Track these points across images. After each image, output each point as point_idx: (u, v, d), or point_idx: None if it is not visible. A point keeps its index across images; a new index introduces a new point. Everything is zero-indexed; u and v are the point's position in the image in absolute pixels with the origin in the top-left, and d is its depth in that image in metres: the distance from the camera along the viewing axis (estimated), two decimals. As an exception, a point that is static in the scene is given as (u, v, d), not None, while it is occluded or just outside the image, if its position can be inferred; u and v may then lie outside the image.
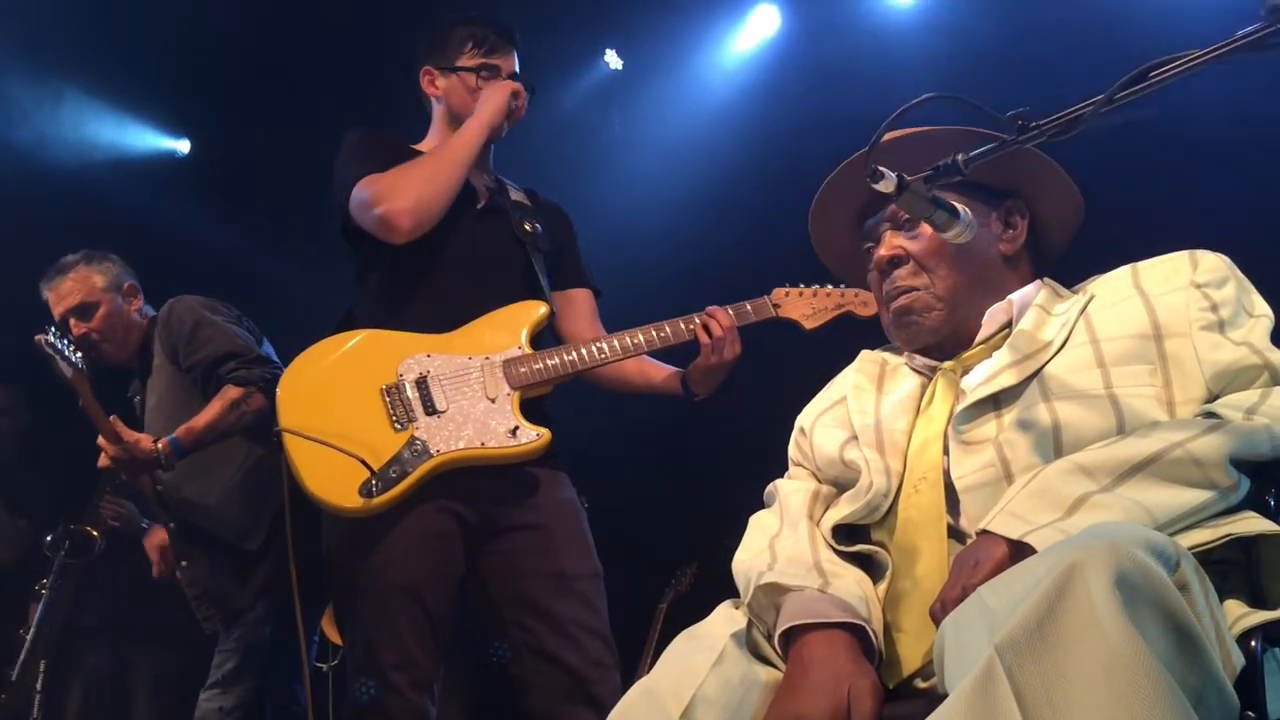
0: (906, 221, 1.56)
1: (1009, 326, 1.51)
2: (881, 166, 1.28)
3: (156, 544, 3.19)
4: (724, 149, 4.40)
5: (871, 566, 1.42)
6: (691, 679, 1.25)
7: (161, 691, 3.61)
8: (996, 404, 1.42)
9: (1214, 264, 1.41)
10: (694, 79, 4.50)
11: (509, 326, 2.33)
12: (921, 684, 1.29)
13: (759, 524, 1.55)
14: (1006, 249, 1.58)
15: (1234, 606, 1.14)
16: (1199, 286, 1.39)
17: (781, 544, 1.46)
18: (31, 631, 3.32)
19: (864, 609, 1.32)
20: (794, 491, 1.56)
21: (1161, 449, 1.24)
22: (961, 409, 1.42)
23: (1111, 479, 1.24)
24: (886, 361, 1.63)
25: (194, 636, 2.98)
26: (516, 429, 2.20)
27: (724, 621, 1.40)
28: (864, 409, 1.55)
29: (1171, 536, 1.11)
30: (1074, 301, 1.47)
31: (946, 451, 1.41)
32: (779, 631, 1.31)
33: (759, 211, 4.19)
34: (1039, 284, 1.55)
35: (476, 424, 2.20)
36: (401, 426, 2.18)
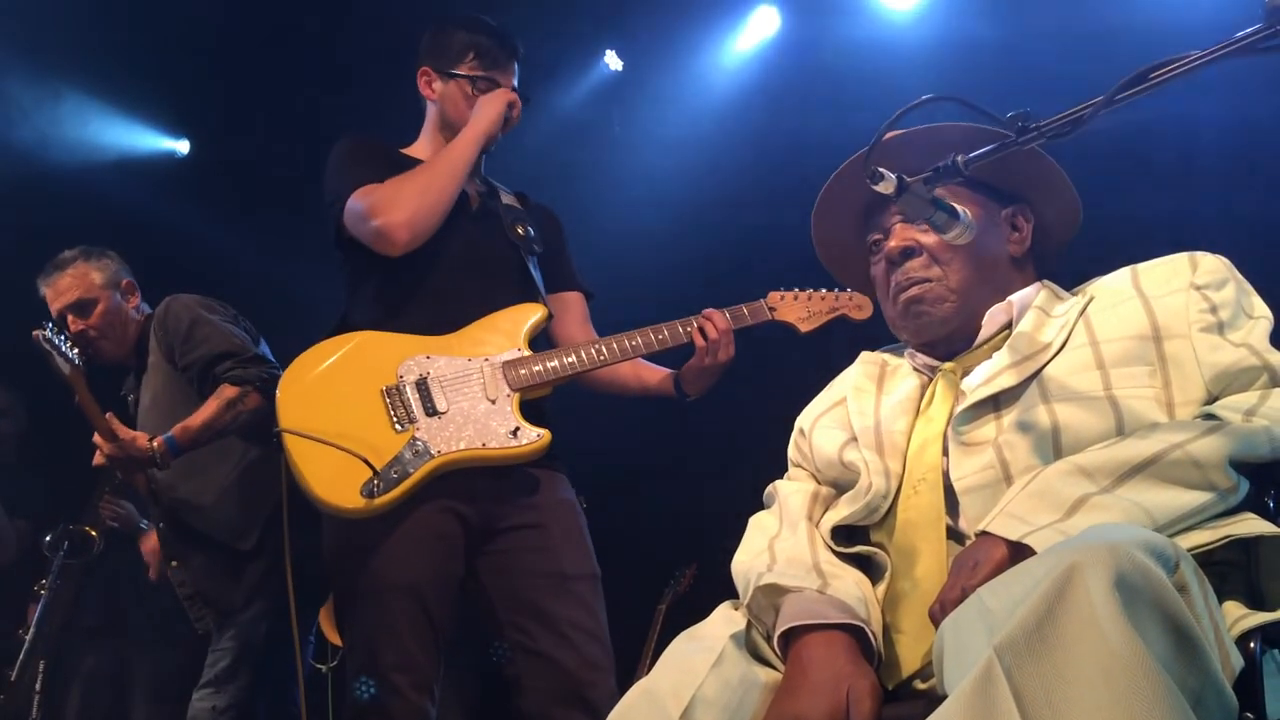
0: None
1: (1009, 328, 1.51)
2: (882, 168, 1.28)
3: (153, 546, 3.19)
4: (724, 150, 4.39)
5: (871, 568, 1.42)
6: (691, 680, 1.25)
7: (161, 692, 3.60)
8: (996, 405, 1.42)
9: (1213, 266, 1.41)
10: (694, 80, 4.49)
11: (508, 329, 2.34)
12: (921, 685, 1.29)
13: (758, 525, 1.55)
14: (1015, 250, 1.59)
15: (1233, 608, 1.15)
16: (1198, 288, 1.39)
17: (781, 545, 1.46)
18: (31, 632, 3.32)
19: (863, 610, 1.32)
20: (793, 493, 1.56)
21: (1161, 450, 1.25)
22: (961, 410, 1.42)
23: (1111, 480, 1.24)
24: (887, 363, 1.63)
25: (193, 637, 2.97)
26: (517, 430, 2.21)
27: (723, 622, 1.40)
28: (864, 410, 1.55)
29: (1171, 538, 1.11)
30: (1073, 303, 1.47)
31: (946, 453, 1.42)
32: (778, 632, 1.31)
33: (758, 213, 4.19)
34: (1039, 285, 1.55)
35: (477, 425, 2.21)
36: (402, 427, 2.18)
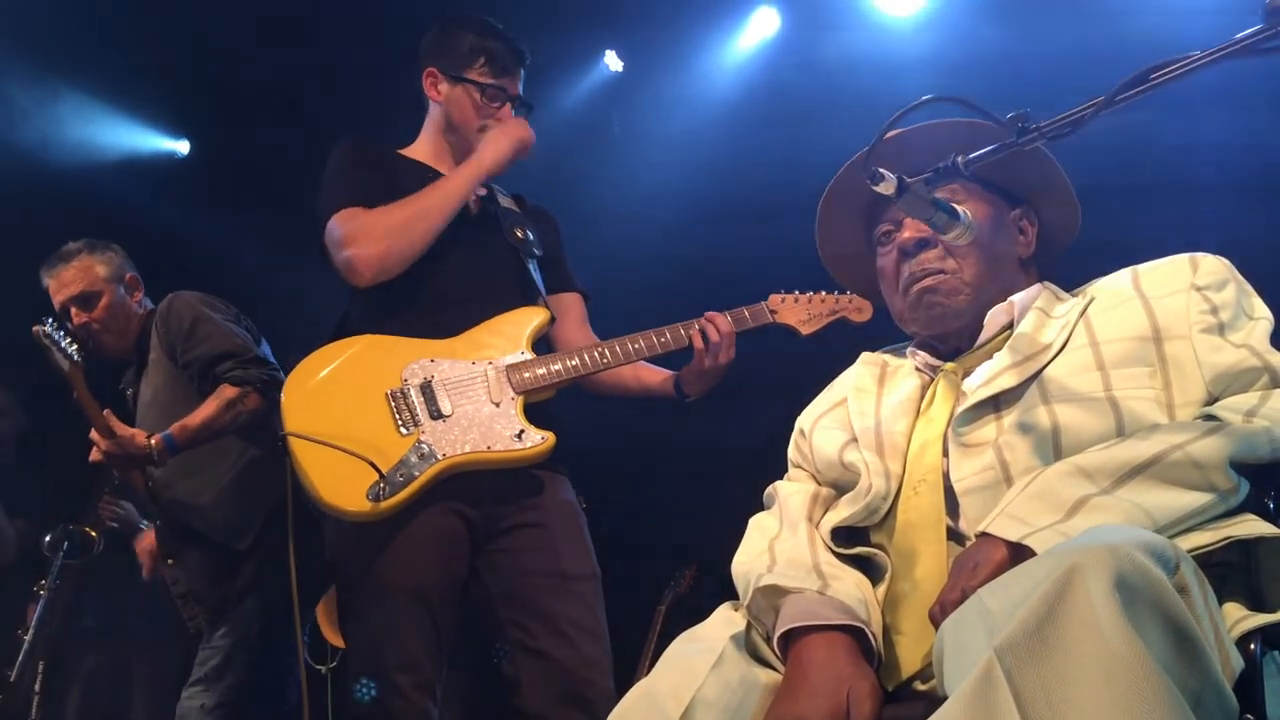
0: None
1: (1009, 328, 1.51)
2: (883, 169, 1.28)
3: (147, 547, 3.18)
4: (725, 150, 4.38)
5: (871, 569, 1.42)
6: (691, 681, 1.25)
7: (160, 692, 3.60)
8: (996, 406, 1.42)
9: (1214, 267, 1.41)
10: (695, 80, 4.48)
11: (511, 332, 2.35)
12: (921, 686, 1.29)
13: (758, 526, 1.55)
14: (1022, 252, 1.60)
15: (1233, 609, 1.15)
16: (1199, 289, 1.39)
17: (781, 546, 1.46)
18: (30, 632, 3.32)
19: (863, 611, 1.32)
20: (793, 493, 1.56)
21: (1161, 451, 1.25)
22: (961, 411, 1.42)
23: (1111, 481, 1.24)
24: (887, 363, 1.63)
25: (192, 637, 2.97)
26: (522, 433, 2.22)
27: (723, 623, 1.40)
28: (864, 411, 1.55)
29: (1171, 539, 1.11)
30: (1074, 304, 1.47)
31: (946, 454, 1.41)
32: (778, 633, 1.31)
33: (758, 214, 4.18)
34: (1040, 286, 1.55)
35: (482, 428, 2.21)
36: (408, 431, 2.19)
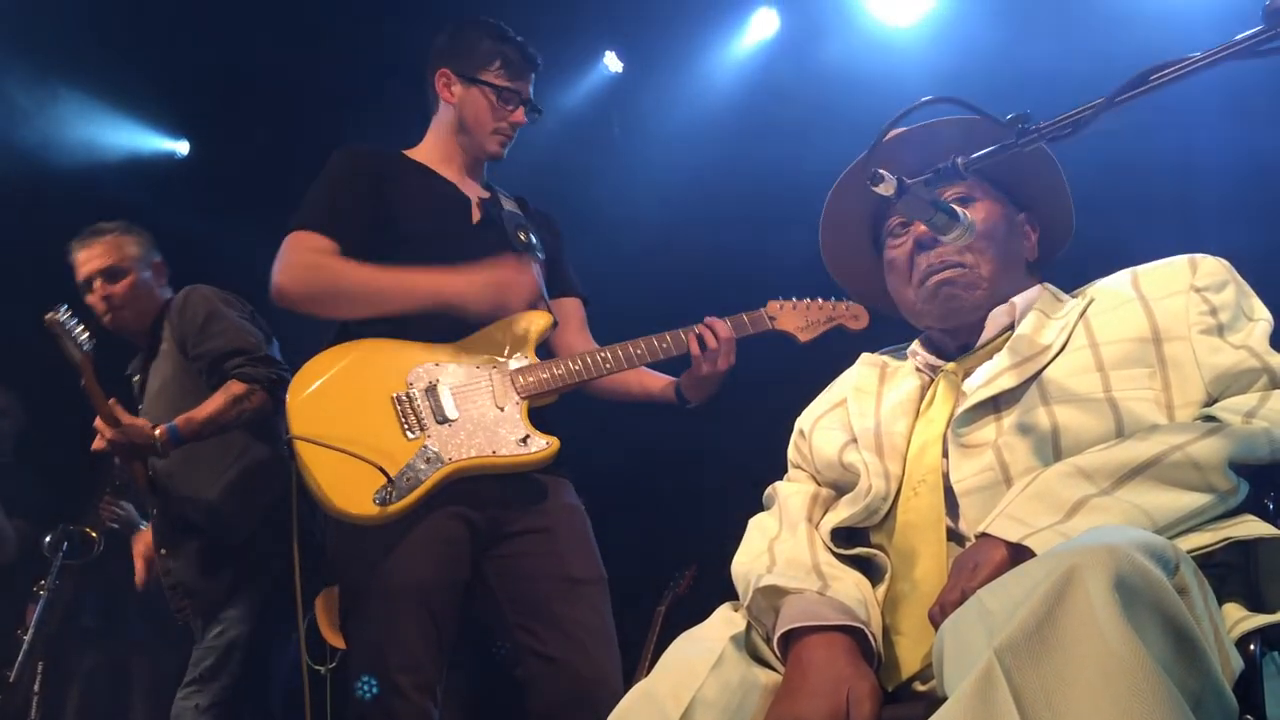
0: (955, 200, 1.53)
1: (1011, 329, 1.51)
2: (882, 169, 1.28)
3: (142, 550, 3.17)
4: (725, 151, 4.38)
5: (870, 569, 1.42)
6: (691, 681, 1.25)
7: (159, 693, 3.60)
8: (996, 407, 1.42)
9: (1213, 268, 1.42)
10: (695, 81, 4.49)
11: (515, 336, 2.35)
12: (920, 687, 1.29)
13: (758, 526, 1.55)
14: (1029, 255, 1.61)
15: (1233, 610, 1.15)
16: (1198, 290, 1.39)
17: (780, 546, 1.46)
18: (30, 632, 3.32)
19: (863, 612, 1.32)
20: (793, 494, 1.56)
21: (1161, 452, 1.25)
22: (961, 412, 1.42)
23: (1111, 482, 1.24)
24: (887, 364, 1.64)
25: (181, 631, 2.98)
26: (527, 438, 2.23)
27: (723, 624, 1.40)
28: (864, 411, 1.55)
29: (1171, 540, 1.11)
30: (1073, 305, 1.48)
31: (946, 454, 1.42)
32: (778, 634, 1.31)
33: (757, 215, 4.18)
34: (1040, 288, 1.55)
35: (487, 432, 2.22)
36: (414, 435, 2.19)
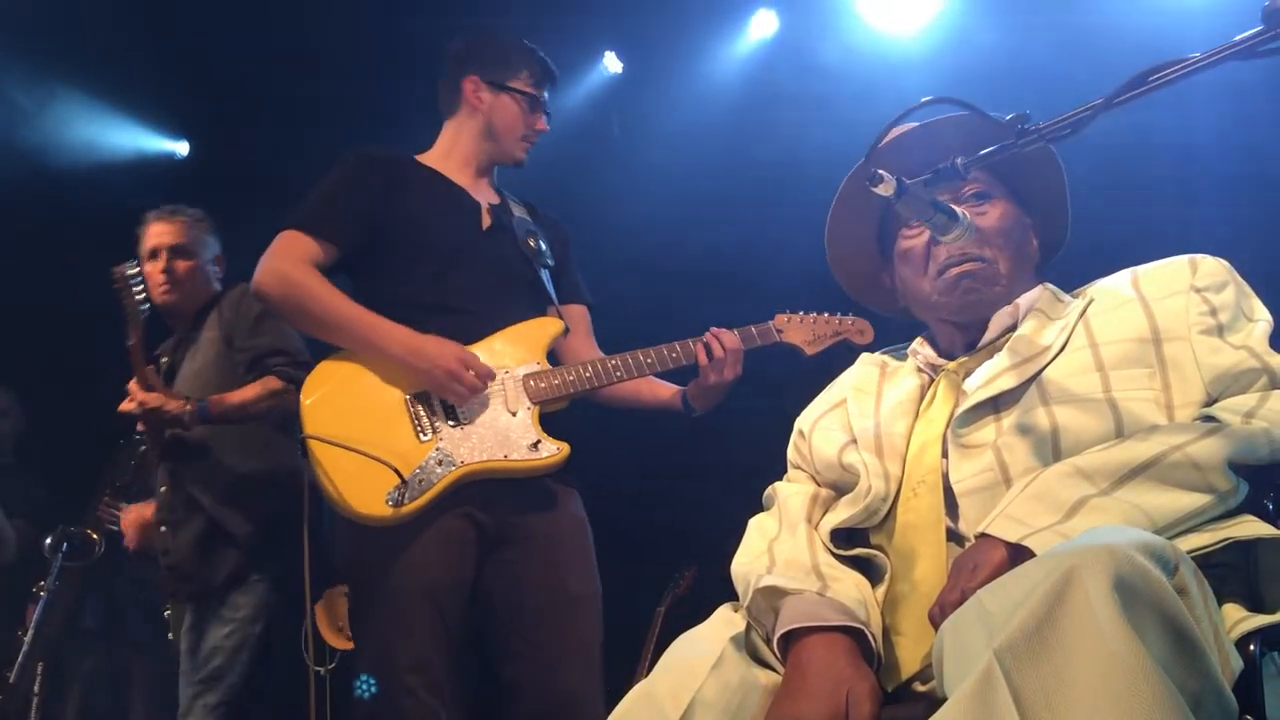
0: (972, 196, 1.54)
1: (1013, 330, 1.51)
2: (882, 170, 1.28)
3: (134, 519, 3.17)
4: (726, 151, 4.38)
5: (870, 570, 1.42)
6: (690, 682, 1.25)
7: (159, 694, 3.61)
8: (996, 408, 1.42)
9: (1213, 269, 1.42)
10: (695, 81, 4.48)
11: (527, 342, 2.38)
12: (920, 687, 1.29)
13: (758, 527, 1.55)
14: (1034, 257, 1.61)
15: (1232, 610, 1.15)
16: (1198, 291, 1.39)
17: (780, 547, 1.46)
18: (30, 633, 3.32)
19: (863, 612, 1.32)
20: (793, 494, 1.56)
21: (1160, 452, 1.25)
22: (961, 412, 1.42)
23: (1110, 482, 1.24)
24: (887, 364, 1.64)
25: (164, 618, 3.00)
26: (538, 443, 2.25)
27: (723, 624, 1.40)
28: (864, 412, 1.55)
29: (1170, 540, 1.11)
30: (1073, 306, 1.48)
31: (945, 455, 1.42)
32: (777, 635, 1.31)
33: (758, 216, 4.18)
34: (1041, 288, 1.55)
35: (499, 436, 2.24)
36: (426, 437, 2.21)
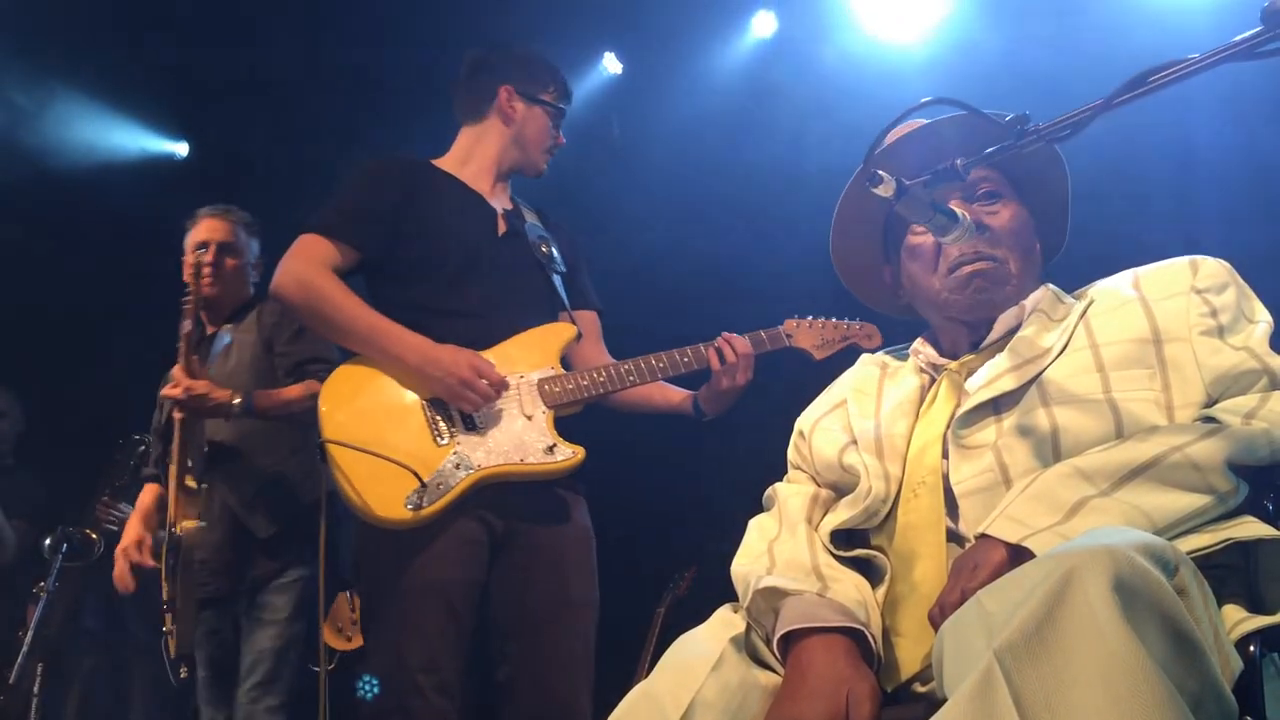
0: (984, 195, 1.55)
1: (1017, 331, 1.51)
2: (882, 171, 1.28)
3: (125, 547, 3.07)
4: (724, 152, 4.38)
5: (870, 571, 1.42)
6: (690, 683, 1.25)
7: (159, 695, 3.61)
8: (996, 409, 1.42)
9: (1214, 270, 1.42)
10: (694, 82, 4.48)
11: (541, 347, 2.39)
12: (920, 688, 1.29)
13: (758, 527, 1.55)
14: (1039, 259, 1.61)
15: (1232, 611, 1.15)
16: (1199, 292, 1.39)
17: (780, 548, 1.46)
18: (30, 633, 3.32)
19: (862, 613, 1.32)
20: (793, 495, 1.56)
21: (1160, 453, 1.25)
22: (961, 413, 1.42)
23: (1110, 483, 1.24)
24: (887, 365, 1.64)
25: (202, 602, 3.00)
26: (554, 446, 2.27)
27: (723, 625, 1.40)
28: (864, 413, 1.55)
29: (1170, 541, 1.11)
30: (1074, 306, 1.48)
31: (945, 455, 1.42)
32: (777, 635, 1.31)
33: (758, 217, 4.18)
34: (1044, 289, 1.56)
35: (515, 440, 2.26)
36: (444, 441, 2.23)
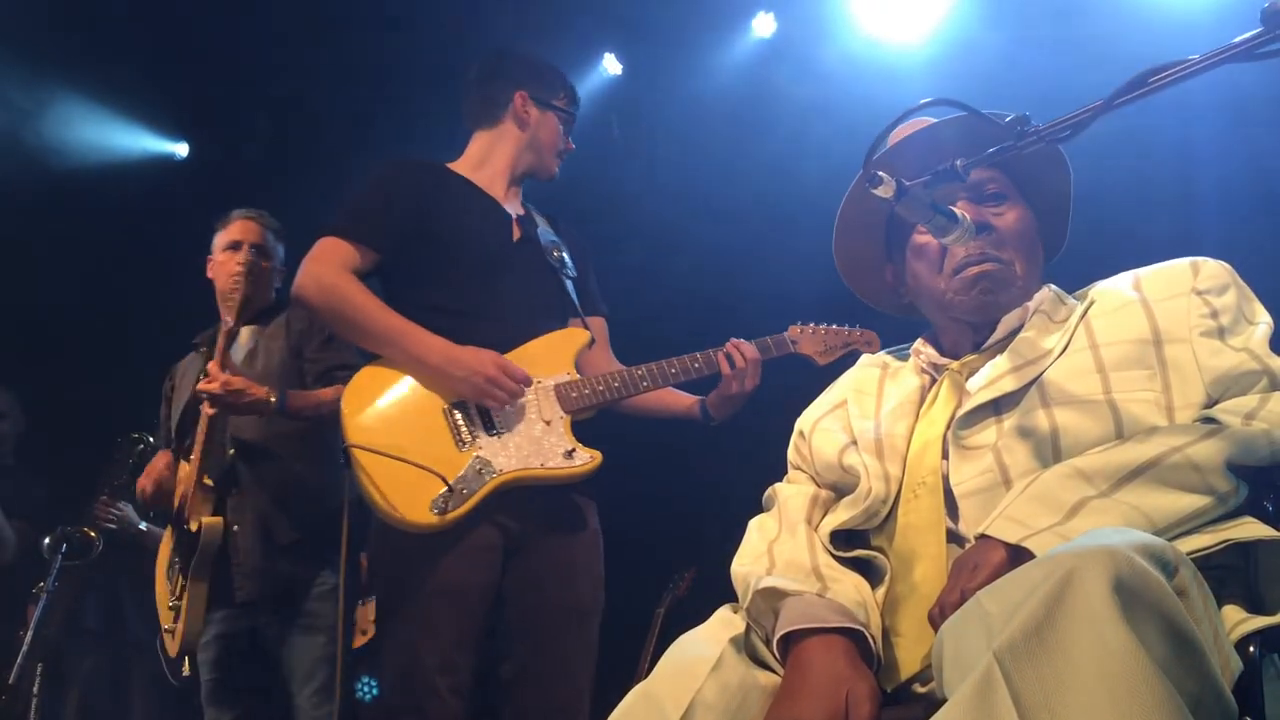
0: (991, 196, 1.55)
1: (1019, 332, 1.51)
2: (882, 172, 1.28)
3: (161, 466, 3.13)
4: (724, 152, 4.38)
5: (870, 571, 1.42)
6: (690, 683, 1.25)
7: (159, 695, 3.61)
8: (996, 409, 1.42)
9: (1215, 271, 1.42)
10: (694, 82, 4.48)
11: (557, 352, 2.42)
12: (920, 688, 1.29)
13: (758, 528, 1.55)
14: (1042, 261, 1.60)
15: (1232, 612, 1.15)
16: (1200, 293, 1.39)
17: (780, 548, 1.46)
18: (29, 633, 3.32)
19: (862, 614, 1.32)
20: (793, 495, 1.56)
21: (1160, 454, 1.25)
22: (962, 414, 1.43)
23: (1110, 484, 1.24)
24: (888, 365, 1.64)
25: (240, 605, 3.00)
26: (572, 451, 2.29)
27: (722, 626, 1.40)
28: (864, 413, 1.55)
29: (1170, 542, 1.11)
30: (1075, 307, 1.48)
31: (945, 456, 1.42)
32: (777, 636, 1.31)
33: (758, 217, 4.18)
34: (1045, 290, 1.56)
35: (534, 445, 2.28)
36: (465, 446, 2.25)
